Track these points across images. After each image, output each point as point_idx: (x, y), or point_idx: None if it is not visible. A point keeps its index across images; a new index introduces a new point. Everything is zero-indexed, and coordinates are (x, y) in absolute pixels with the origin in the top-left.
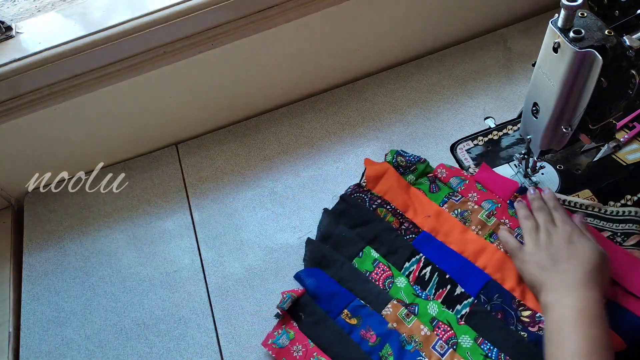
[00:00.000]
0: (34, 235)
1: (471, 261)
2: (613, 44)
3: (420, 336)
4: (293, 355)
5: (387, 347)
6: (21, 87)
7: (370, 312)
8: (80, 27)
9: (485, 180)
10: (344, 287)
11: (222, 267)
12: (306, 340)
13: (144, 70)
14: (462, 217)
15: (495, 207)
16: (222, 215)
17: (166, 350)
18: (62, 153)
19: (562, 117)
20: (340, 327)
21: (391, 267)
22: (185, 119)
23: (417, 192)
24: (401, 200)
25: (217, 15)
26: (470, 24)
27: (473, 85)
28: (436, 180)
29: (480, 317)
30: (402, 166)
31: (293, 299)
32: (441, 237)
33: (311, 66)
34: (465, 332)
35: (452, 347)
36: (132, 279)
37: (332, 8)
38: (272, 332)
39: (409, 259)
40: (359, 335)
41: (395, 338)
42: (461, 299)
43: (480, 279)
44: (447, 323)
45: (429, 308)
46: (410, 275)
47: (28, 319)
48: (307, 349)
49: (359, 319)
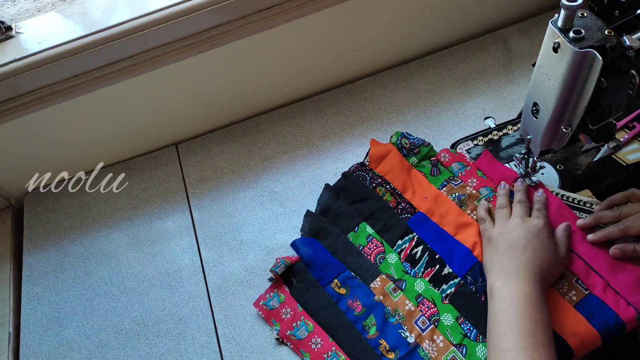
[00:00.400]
0: (34, 235)
1: (462, 243)
2: (613, 44)
3: (405, 311)
4: (281, 317)
5: (371, 318)
6: (21, 87)
7: (359, 283)
8: (80, 27)
9: (486, 168)
10: (337, 258)
11: (222, 267)
12: (295, 304)
13: (144, 70)
14: (459, 201)
15: (492, 194)
16: (222, 215)
17: (166, 350)
18: (62, 153)
19: (562, 117)
20: (329, 295)
21: (384, 244)
22: (185, 119)
23: (418, 174)
24: (401, 181)
25: (217, 15)
26: (470, 24)
27: (473, 85)
28: (438, 164)
29: (464, 298)
30: (405, 148)
31: (287, 265)
32: (436, 218)
33: (311, 66)
34: (448, 310)
35: (434, 324)
36: (132, 279)
37: (332, 8)
38: (264, 294)
39: (402, 237)
40: (346, 304)
41: (380, 310)
42: (448, 279)
43: (469, 261)
44: (432, 301)
45: (416, 285)
46: (402, 252)
47: (28, 319)
48: (295, 313)
49: (347, 289)
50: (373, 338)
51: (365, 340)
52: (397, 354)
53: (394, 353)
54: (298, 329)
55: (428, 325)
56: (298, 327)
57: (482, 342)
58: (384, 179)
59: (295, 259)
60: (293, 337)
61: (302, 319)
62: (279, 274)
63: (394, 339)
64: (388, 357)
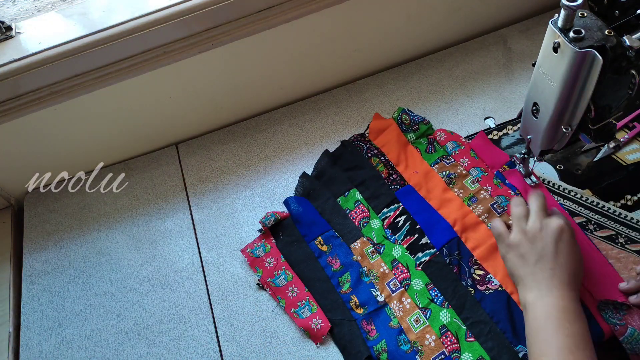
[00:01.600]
0: (34, 235)
1: (444, 217)
2: (613, 44)
3: (379, 272)
4: (265, 265)
5: (347, 275)
6: (21, 87)
7: (340, 243)
8: (80, 27)
9: (479, 149)
10: (324, 218)
11: (222, 267)
12: (279, 255)
13: (144, 70)
14: (448, 179)
15: (481, 174)
16: (222, 215)
17: (166, 350)
18: (62, 153)
19: (562, 117)
20: (312, 250)
21: (370, 210)
22: (185, 119)
23: (413, 149)
24: (396, 154)
25: (217, 15)
26: (470, 24)
27: (473, 85)
28: (434, 142)
29: (436, 267)
30: (405, 124)
31: (276, 219)
32: (423, 192)
33: (311, 66)
34: (420, 276)
35: (404, 287)
36: (132, 279)
37: (332, 8)
38: (252, 243)
39: (388, 206)
40: (326, 260)
41: (356, 269)
42: (424, 249)
43: (447, 235)
44: (406, 266)
45: (393, 250)
46: (386, 220)
47: (28, 319)
48: (278, 262)
49: (329, 247)
50: (345, 293)
51: (338, 294)
52: (366, 310)
53: (363, 309)
54: (278, 277)
55: (399, 287)
56: (278, 275)
57: (446, 308)
58: (380, 150)
59: (285, 215)
60: (272, 284)
61: (283, 269)
62: (268, 226)
63: (364, 296)
64: (356, 312)
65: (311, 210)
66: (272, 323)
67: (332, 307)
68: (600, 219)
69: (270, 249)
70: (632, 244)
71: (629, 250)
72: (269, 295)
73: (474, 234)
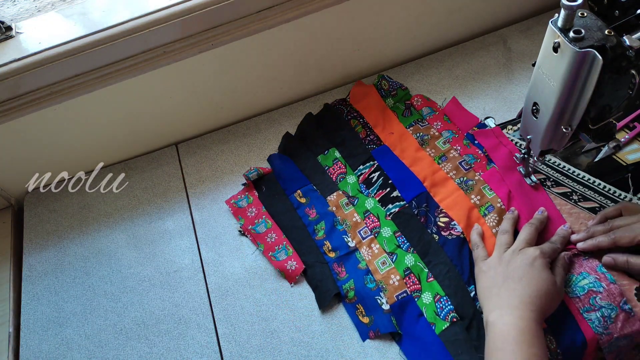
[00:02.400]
0: (34, 235)
1: (415, 174)
2: (613, 44)
3: (352, 222)
4: (247, 214)
5: (322, 223)
6: (21, 87)
7: (318, 196)
8: (80, 27)
9: (451, 113)
10: (303, 174)
11: (222, 267)
12: (261, 206)
13: (144, 70)
14: (421, 140)
15: (452, 136)
16: (222, 215)
17: (166, 350)
18: (62, 153)
19: (562, 117)
20: (291, 202)
21: (347, 166)
22: (185, 119)
23: (391, 113)
24: (374, 117)
25: (217, 15)
26: (470, 24)
27: (473, 85)
28: (411, 107)
29: (405, 217)
30: (384, 89)
31: (259, 174)
32: (397, 151)
33: (311, 66)
34: (389, 225)
35: (374, 235)
36: (132, 279)
37: (332, 8)
38: (236, 195)
39: (364, 163)
40: (304, 211)
41: (331, 218)
42: (395, 201)
43: (417, 189)
44: (377, 216)
45: (366, 203)
46: (361, 176)
47: (28, 319)
48: (259, 212)
49: (307, 199)
50: (320, 239)
51: (313, 240)
52: (337, 254)
53: (335, 253)
54: (258, 225)
55: (369, 235)
56: (259, 223)
57: (412, 253)
58: (360, 113)
59: (268, 170)
60: (253, 230)
61: (263, 218)
62: (251, 179)
63: (337, 242)
64: (329, 255)
65: (292, 166)
66: (272, 323)
67: (307, 251)
68: (559, 177)
69: (253, 201)
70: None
71: (580, 207)
72: (269, 295)
73: (442, 189)
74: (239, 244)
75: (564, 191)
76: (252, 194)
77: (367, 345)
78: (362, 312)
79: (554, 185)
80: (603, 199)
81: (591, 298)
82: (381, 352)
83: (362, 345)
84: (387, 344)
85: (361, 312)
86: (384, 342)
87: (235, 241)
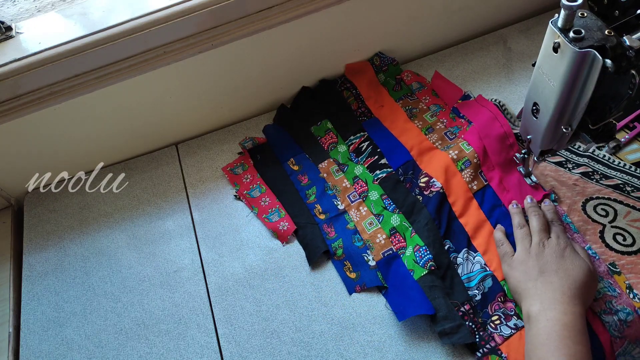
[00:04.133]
0: (34, 235)
1: (403, 144)
2: (613, 44)
3: (341, 187)
4: (242, 180)
5: (313, 189)
6: (21, 87)
7: (310, 163)
8: (80, 27)
9: (438, 87)
10: (297, 144)
11: (222, 267)
12: (255, 173)
13: (144, 70)
14: (410, 113)
15: (439, 110)
16: (222, 215)
17: (166, 350)
18: (62, 153)
19: (562, 117)
20: (284, 169)
21: (338, 136)
22: (185, 119)
23: (382, 88)
24: (366, 89)
25: (217, 15)
26: (470, 24)
27: (473, 85)
28: (401, 82)
29: (391, 182)
30: (376, 65)
31: (255, 143)
32: (387, 123)
33: (311, 66)
34: (376, 189)
35: (362, 198)
36: (132, 279)
37: (332, 8)
38: (232, 163)
39: (354, 134)
40: (296, 177)
41: (322, 184)
42: (382, 167)
43: (404, 157)
44: (365, 181)
45: (355, 169)
46: (351, 145)
47: (28, 319)
48: (254, 179)
49: (300, 167)
50: (311, 203)
51: (304, 203)
52: (327, 216)
53: (325, 215)
54: (253, 190)
55: (357, 198)
56: (253, 188)
57: (397, 214)
58: (353, 84)
59: (263, 140)
60: (248, 195)
61: (258, 183)
62: (246, 148)
63: (327, 205)
64: (319, 217)
65: (286, 137)
66: (272, 323)
67: (298, 213)
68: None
69: (248, 168)
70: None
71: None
72: (269, 295)
73: (428, 158)
74: (239, 244)
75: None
76: (247, 162)
77: (366, 346)
78: (350, 268)
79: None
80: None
81: (607, 302)
82: (381, 352)
83: (362, 345)
84: (387, 344)
85: (349, 268)
86: (384, 342)
87: (235, 241)
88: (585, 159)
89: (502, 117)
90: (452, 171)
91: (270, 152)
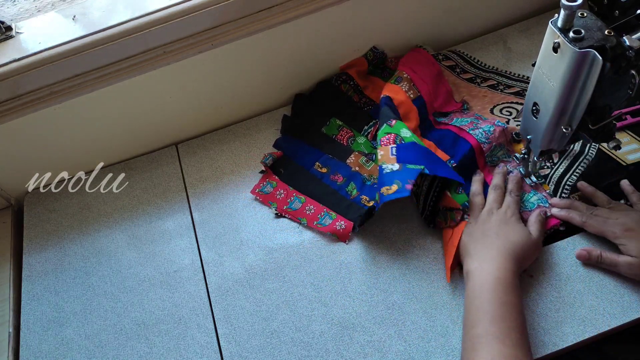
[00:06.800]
0: (34, 235)
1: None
2: (613, 44)
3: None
4: (276, 197)
5: (352, 184)
6: (21, 87)
7: (337, 162)
8: (80, 27)
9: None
10: (315, 147)
11: (222, 267)
12: (286, 186)
13: (144, 70)
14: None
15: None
16: (222, 215)
17: (166, 350)
18: (62, 153)
19: (562, 117)
20: (314, 174)
21: (353, 130)
22: (185, 119)
23: (375, 78)
24: (362, 80)
25: (217, 15)
26: (470, 24)
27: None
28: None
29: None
30: (370, 60)
31: (274, 158)
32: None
33: (311, 66)
34: None
35: None
36: (132, 279)
37: (332, 8)
38: (258, 184)
39: (367, 123)
40: (329, 179)
41: (358, 177)
42: None
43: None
44: None
45: None
46: (368, 135)
47: (28, 319)
48: (288, 191)
49: (328, 168)
50: (355, 197)
51: (349, 200)
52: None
53: (373, 201)
54: (292, 203)
55: None
56: (292, 201)
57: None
58: (349, 75)
59: (280, 153)
60: (289, 209)
61: (294, 195)
62: (268, 165)
63: (373, 194)
64: (368, 205)
65: (301, 144)
66: (272, 323)
67: (348, 211)
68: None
69: (277, 184)
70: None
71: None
72: (269, 295)
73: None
74: (239, 244)
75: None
76: (272, 179)
77: (366, 346)
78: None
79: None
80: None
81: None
82: (381, 352)
83: (362, 345)
84: (387, 344)
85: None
86: (384, 342)
87: (235, 241)
88: (492, 74)
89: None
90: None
91: (291, 163)
